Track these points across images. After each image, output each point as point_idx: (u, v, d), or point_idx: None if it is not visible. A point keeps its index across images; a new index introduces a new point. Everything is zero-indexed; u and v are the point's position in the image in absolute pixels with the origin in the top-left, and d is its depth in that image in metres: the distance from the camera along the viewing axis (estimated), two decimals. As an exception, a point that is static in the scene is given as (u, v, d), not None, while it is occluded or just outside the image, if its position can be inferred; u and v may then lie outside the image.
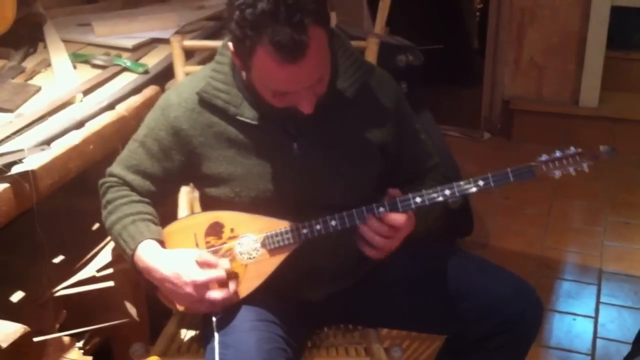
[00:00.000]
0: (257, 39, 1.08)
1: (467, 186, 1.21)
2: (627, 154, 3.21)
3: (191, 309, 1.25)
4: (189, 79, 1.37)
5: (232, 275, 1.24)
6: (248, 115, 1.26)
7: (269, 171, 1.27)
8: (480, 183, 1.21)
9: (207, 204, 1.36)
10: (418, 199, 1.21)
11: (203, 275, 1.19)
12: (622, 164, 3.20)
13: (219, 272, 1.21)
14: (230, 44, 1.18)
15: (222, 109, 1.26)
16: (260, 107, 1.25)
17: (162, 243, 1.27)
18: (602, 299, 2.33)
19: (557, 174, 1.22)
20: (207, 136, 1.28)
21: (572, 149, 1.22)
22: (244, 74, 1.25)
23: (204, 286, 1.20)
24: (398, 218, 1.21)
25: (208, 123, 1.28)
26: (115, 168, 1.35)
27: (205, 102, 1.27)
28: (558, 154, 1.22)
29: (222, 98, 1.26)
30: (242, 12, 1.08)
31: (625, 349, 1.93)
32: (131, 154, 1.33)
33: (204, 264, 1.21)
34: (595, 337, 2.15)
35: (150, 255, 1.23)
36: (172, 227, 1.32)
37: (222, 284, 1.22)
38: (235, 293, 1.24)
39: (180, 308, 1.27)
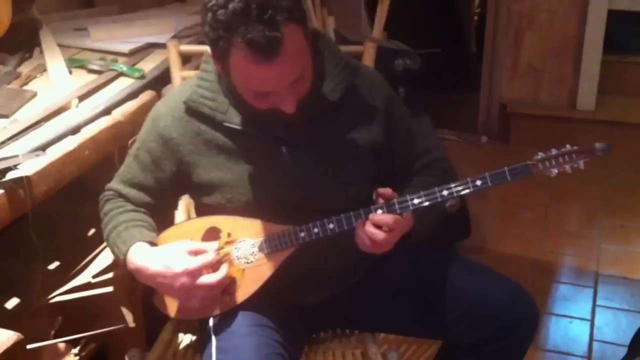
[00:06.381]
0: (231, 39, 1.07)
1: (464, 187, 1.20)
2: (623, 157, 3.21)
3: (187, 309, 1.24)
4: (177, 88, 1.37)
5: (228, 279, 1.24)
6: (235, 121, 1.25)
7: (259, 176, 1.26)
8: (478, 183, 1.20)
9: (202, 212, 1.36)
10: (416, 200, 1.20)
11: (194, 262, 1.18)
12: (619, 167, 3.21)
13: (210, 256, 1.20)
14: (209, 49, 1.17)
15: (209, 116, 1.26)
16: (247, 112, 1.24)
17: (155, 246, 1.26)
18: (599, 302, 2.33)
19: (554, 172, 1.22)
20: (196, 144, 1.28)
21: (568, 146, 1.22)
22: (226, 78, 1.24)
23: (197, 273, 1.18)
24: (386, 219, 1.19)
25: (196, 131, 1.27)
26: (113, 183, 1.36)
27: (192, 111, 1.27)
28: (554, 152, 1.22)
29: (209, 105, 1.26)
30: (214, 13, 1.07)
31: (621, 352, 1.94)
32: (126, 168, 1.34)
33: (194, 253, 1.20)
34: (591, 340, 2.16)
35: (139, 255, 1.22)
36: (168, 233, 1.32)
37: (215, 269, 1.21)
38: (233, 294, 1.24)
39: (172, 312, 1.27)
